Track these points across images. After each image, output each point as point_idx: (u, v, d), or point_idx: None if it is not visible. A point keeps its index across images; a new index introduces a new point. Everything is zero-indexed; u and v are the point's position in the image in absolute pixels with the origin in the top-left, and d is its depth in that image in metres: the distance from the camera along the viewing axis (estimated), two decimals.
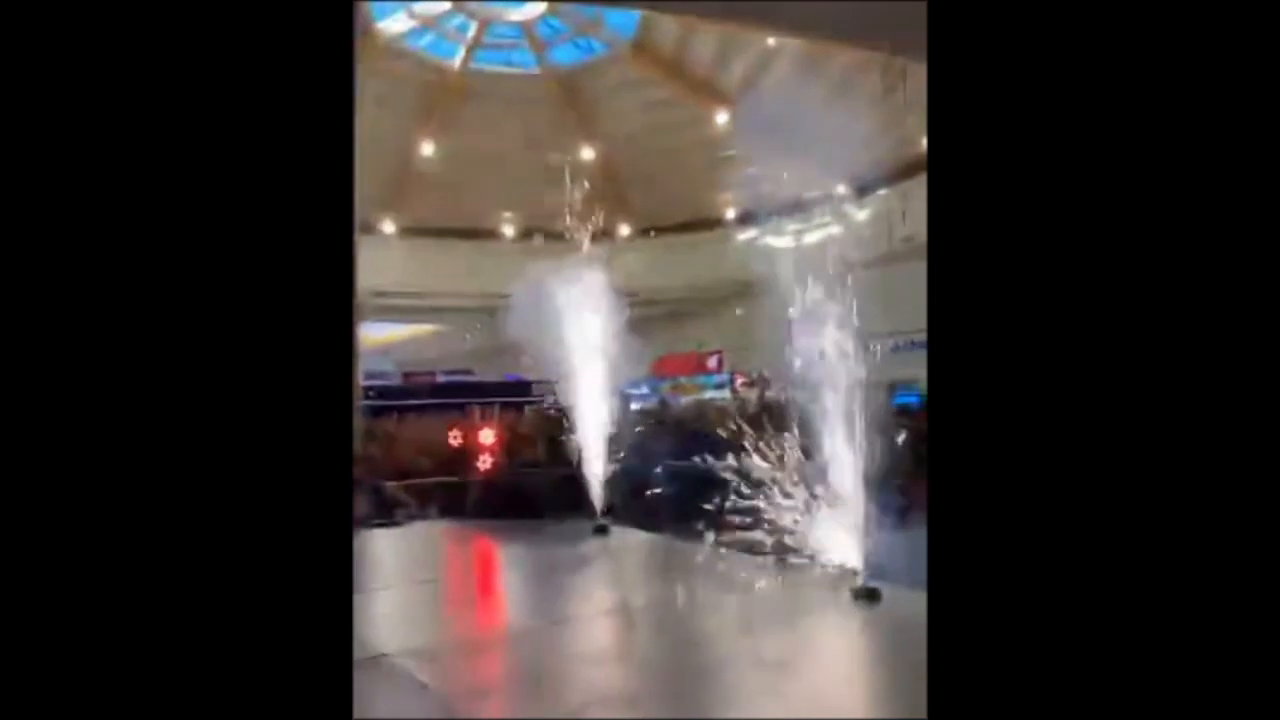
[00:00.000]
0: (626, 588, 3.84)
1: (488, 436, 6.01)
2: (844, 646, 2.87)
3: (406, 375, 20.38)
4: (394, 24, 17.71)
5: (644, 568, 4.37)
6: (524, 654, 2.78)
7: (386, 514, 5.86)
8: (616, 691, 2.36)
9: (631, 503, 5.45)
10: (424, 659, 2.64)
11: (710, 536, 4.75)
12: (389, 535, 5.50)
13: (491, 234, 20.59)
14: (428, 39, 18.97)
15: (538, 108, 19.43)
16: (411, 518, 5.95)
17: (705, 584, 3.60)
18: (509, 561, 4.84)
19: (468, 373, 22.87)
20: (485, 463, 5.94)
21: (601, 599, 3.66)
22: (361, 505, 5.94)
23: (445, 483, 6.42)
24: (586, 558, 4.55)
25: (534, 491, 5.76)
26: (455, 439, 6.49)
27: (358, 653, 2.69)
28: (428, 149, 19.94)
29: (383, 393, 15.14)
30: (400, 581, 4.20)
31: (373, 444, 8.86)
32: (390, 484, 6.35)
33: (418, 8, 18.07)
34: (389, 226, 20.67)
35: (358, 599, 3.72)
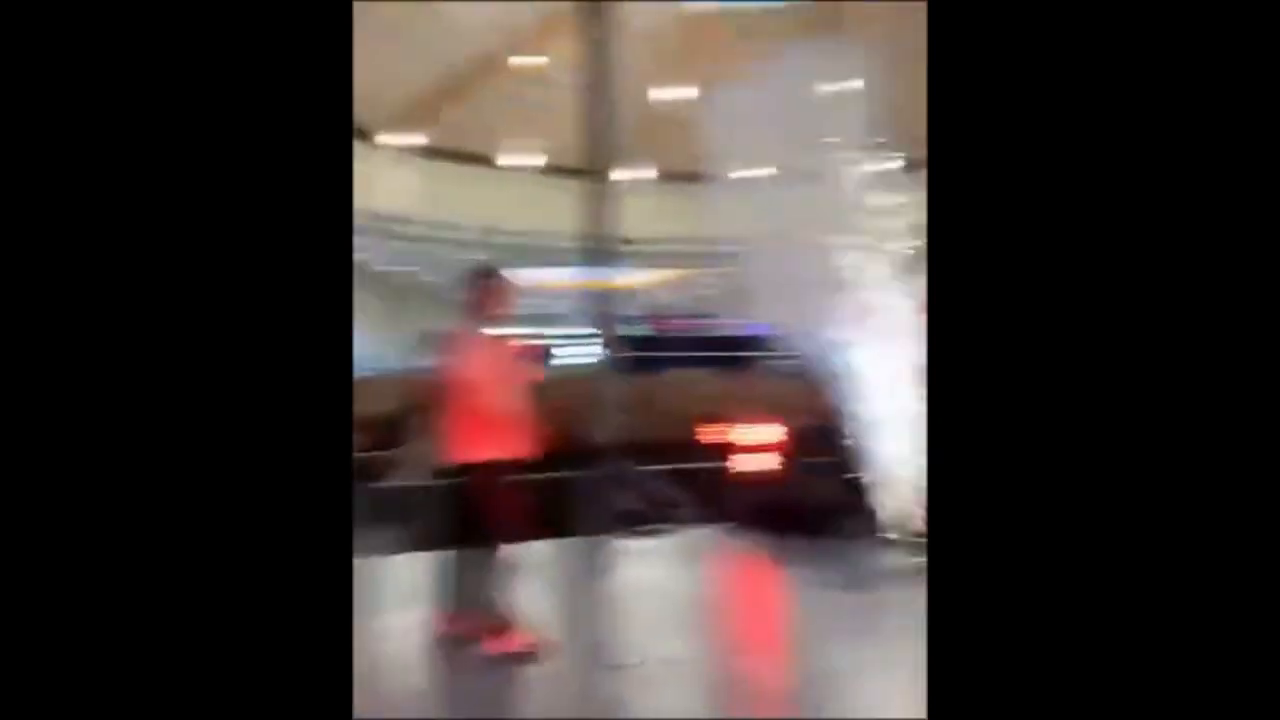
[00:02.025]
0: None
1: (770, 434, 5.02)
2: None
3: (656, 321, 19.97)
4: None
5: None
6: None
7: (653, 515, 5.16)
8: None
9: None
10: None
11: None
12: (653, 549, 4.76)
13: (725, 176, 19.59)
14: None
15: (799, 39, 17.99)
16: (682, 521, 5.17)
17: None
18: (806, 621, 3.74)
19: (712, 318, 22.16)
20: (769, 462, 4.97)
21: None
22: (625, 501, 5.31)
23: (710, 469, 5.61)
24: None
25: (813, 496, 4.79)
26: (711, 435, 5.54)
27: None
28: (672, 93, 19.19)
29: (632, 343, 14.84)
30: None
31: (626, 412, 8.31)
32: (652, 470, 5.65)
33: None
34: (634, 174, 20.32)
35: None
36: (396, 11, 15.54)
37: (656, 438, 7.39)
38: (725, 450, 5.41)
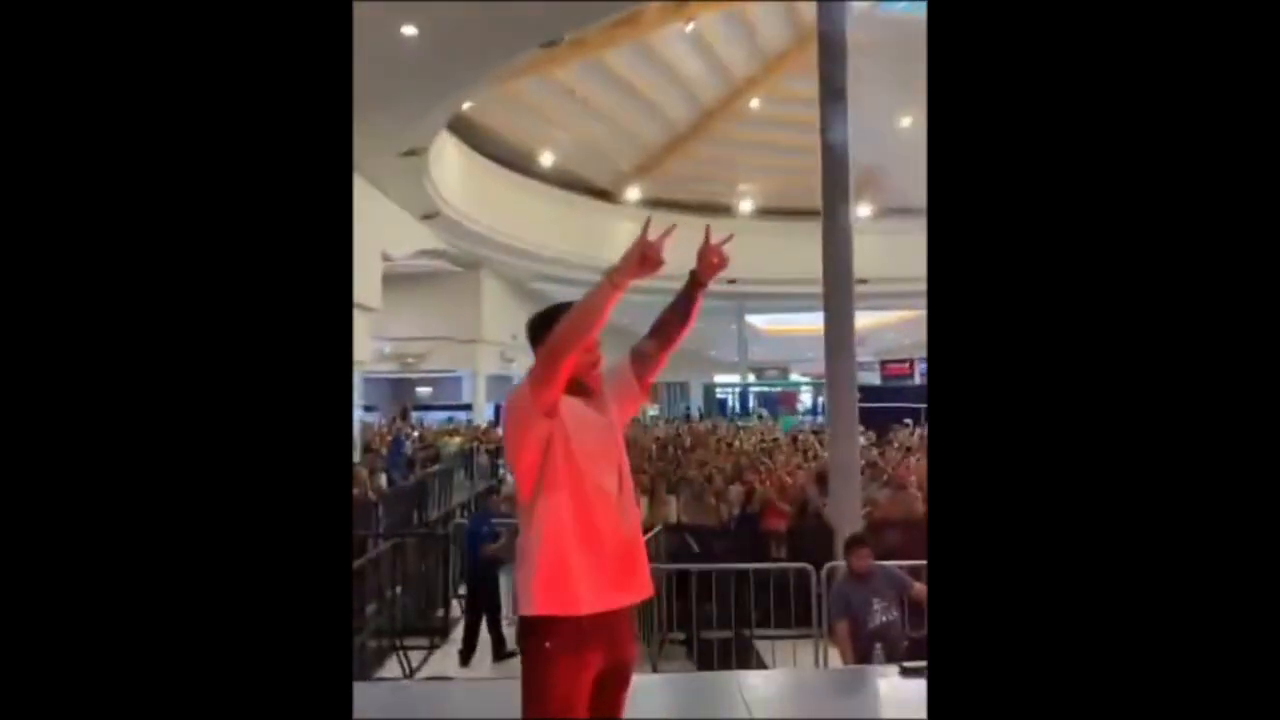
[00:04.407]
0: None
1: None
2: None
3: (886, 367, 17.88)
4: None
5: None
6: None
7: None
8: None
9: None
10: None
11: None
12: None
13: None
14: None
15: None
16: None
17: None
18: None
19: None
20: None
21: None
22: (880, 614, 4.08)
23: None
24: None
25: None
26: None
27: None
28: (905, 121, 17.56)
29: (862, 392, 13.17)
30: None
31: (874, 494, 7.08)
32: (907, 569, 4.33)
33: None
34: (863, 210, 18.86)
35: None
36: (623, 71, 15.61)
37: (904, 518, 6.10)
38: None
